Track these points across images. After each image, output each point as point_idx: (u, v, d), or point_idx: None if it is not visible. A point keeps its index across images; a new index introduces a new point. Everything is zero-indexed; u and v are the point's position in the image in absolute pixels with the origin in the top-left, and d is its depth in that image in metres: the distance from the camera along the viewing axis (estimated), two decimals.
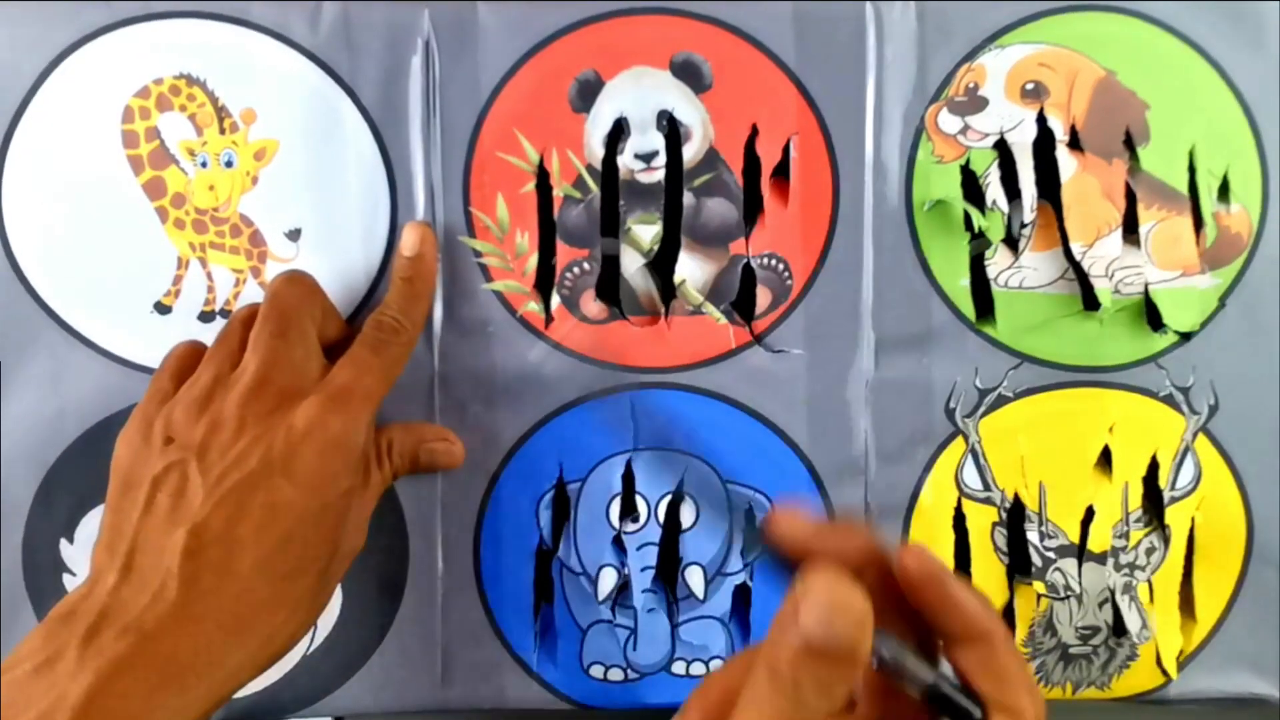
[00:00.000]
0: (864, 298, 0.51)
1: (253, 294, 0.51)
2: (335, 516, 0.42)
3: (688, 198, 0.50)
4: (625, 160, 0.50)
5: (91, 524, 0.51)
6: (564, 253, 0.50)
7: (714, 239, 0.50)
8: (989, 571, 0.52)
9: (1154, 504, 0.52)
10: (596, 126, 0.50)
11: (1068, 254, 0.50)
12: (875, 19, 0.50)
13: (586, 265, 0.51)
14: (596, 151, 0.50)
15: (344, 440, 0.42)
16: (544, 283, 0.51)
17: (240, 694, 0.51)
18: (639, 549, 0.51)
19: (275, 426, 0.41)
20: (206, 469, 0.40)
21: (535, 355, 0.51)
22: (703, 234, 0.50)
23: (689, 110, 0.50)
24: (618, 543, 0.51)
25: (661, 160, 0.50)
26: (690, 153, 0.50)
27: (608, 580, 0.51)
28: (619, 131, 0.50)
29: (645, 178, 0.50)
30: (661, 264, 0.51)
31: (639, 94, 0.50)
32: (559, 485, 0.52)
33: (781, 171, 0.50)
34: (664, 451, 0.51)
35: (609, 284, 0.51)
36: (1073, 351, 0.51)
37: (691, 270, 0.51)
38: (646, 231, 0.50)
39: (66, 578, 0.51)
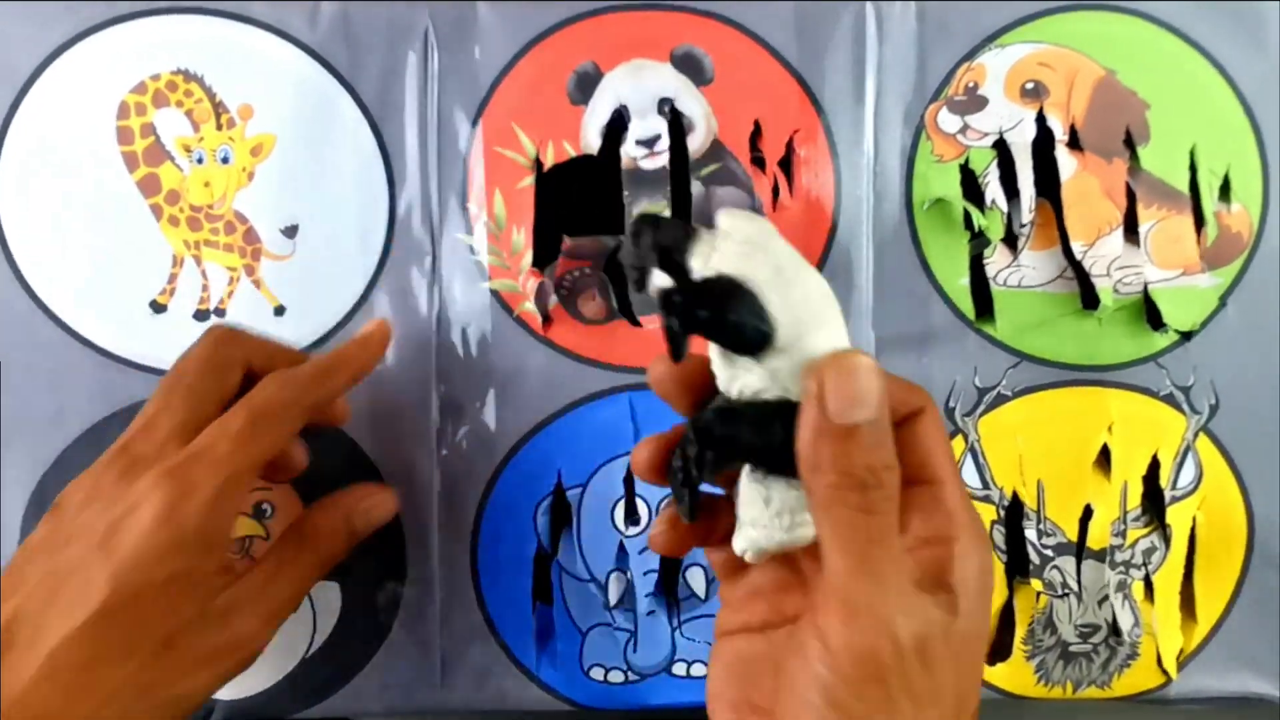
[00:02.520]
0: (863, 296, 0.51)
1: (246, 292, 0.50)
2: (165, 600, 0.37)
3: (696, 186, 0.50)
4: (627, 149, 0.50)
5: None
6: (564, 264, 0.50)
7: None
8: None
9: (1155, 504, 0.52)
10: (594, 118, 0.50)
11: (1067, 253, 0.50)
12: (876, 18, 0.50)
13: (588, 270, 0.50)
14: (593, 144, 0.50)
15: (172, 516, 0.37)
16: (541, 285, 0.50)
17: (240, 695, 0.51)
18: (640, 553, 0.51)
19: (119, 499, 0.38)
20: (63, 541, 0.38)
21: (533, 356, 0.51)
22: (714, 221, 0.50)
23: (691, 102, 0.49)
24: (620, 547, 0.51)
25: (664, 145, 0.50)
26: (695, 144, 0.50)
27: (617, 586, 0.51)
28: (618, 124, 0.50)
29: (648, 164, 0.50)
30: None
31: (639, 84, 0.49)
32: (558, 491, 0.51)
33: (783, 166, 0.50)
34: None
35: (619, 292, 0.50)
36: (1072, 350, 0.51)
37: None
38: None
39: None
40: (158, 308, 0.50)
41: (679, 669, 0.51)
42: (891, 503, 0.30)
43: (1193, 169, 0.50)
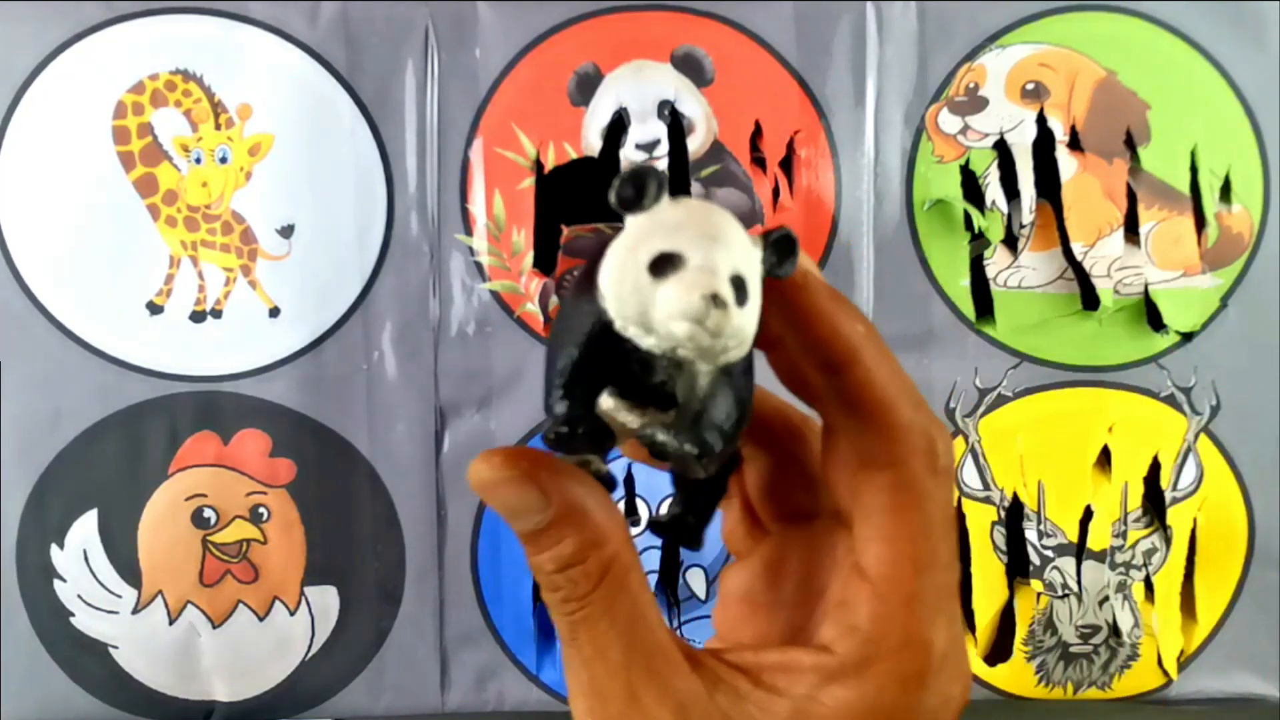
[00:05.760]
0: (864, 297, 0.50)
1: (243, 293, 0.50)
2: None
3: (696, 188, 0.50)
4: (626, 153, 0.50)
5: (83, 529, 0.50)
6: (563, 263, 0.50)
7: None
8: (988, 570, 0.52)
9: (1156, 505, 0.52)
10: (595, 119, 0.50)
11: (1067, 254, 0.50)
12: (876, 18, 0.50)
13: None
14: (594, 144, 0.49)
15: None
16: (544, 286, 0.50)
17: (240, 697, 0.51)
18: (640, 554, 0.51)
19: None
20: None
21: (533, 356, 0.51)
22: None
23: (691, 103, 0.49)
24: None
25: (663, 149, 0.49)
26: (695, 144, 0.49)
27: None
28: (618, 126, 0.50)
29: None
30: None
31: (639, 86, 0.49)
32: None
33: (784, 167, 0.50)
34: None
35: None
36: (1072, 351, 0.51)
37: None
38: None
39: (57, 584, 0.50)
40: (154, 309, 0.50)
41: None
42: (585, 604, 0.21)
43: (1193, 170, 0.50)
